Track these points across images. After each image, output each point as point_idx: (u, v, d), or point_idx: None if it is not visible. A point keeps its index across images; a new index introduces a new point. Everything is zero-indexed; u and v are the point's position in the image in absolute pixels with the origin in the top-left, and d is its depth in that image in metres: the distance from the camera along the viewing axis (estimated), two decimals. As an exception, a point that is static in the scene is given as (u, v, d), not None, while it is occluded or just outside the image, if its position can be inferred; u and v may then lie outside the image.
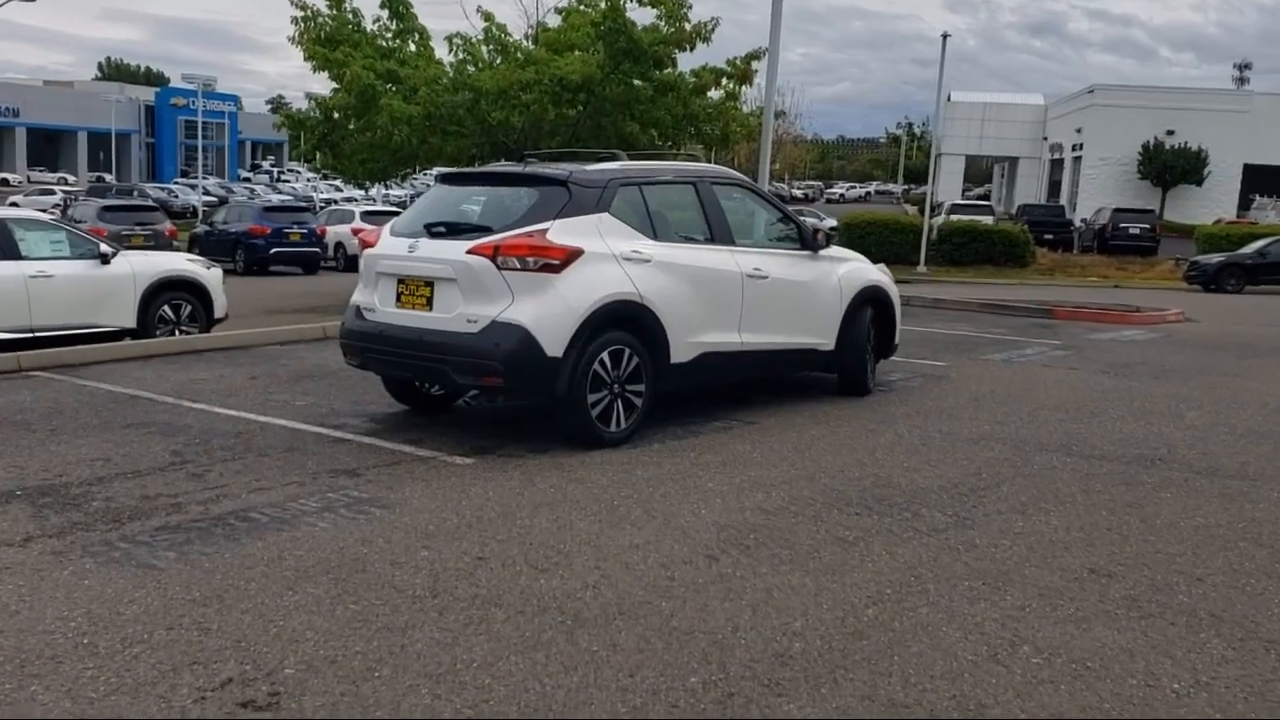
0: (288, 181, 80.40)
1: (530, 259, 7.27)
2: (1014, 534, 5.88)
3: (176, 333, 13.22)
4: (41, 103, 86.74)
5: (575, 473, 6.98)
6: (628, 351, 7.67)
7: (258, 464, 7.10)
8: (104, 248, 12.91)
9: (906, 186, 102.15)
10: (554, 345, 7.28)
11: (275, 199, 41.96)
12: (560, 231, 7.41)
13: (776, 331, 8.91)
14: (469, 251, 7.35)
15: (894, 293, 10.20)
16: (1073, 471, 7.30)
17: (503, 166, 8.85)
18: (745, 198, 9.19)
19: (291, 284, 25.79)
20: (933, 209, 38.53)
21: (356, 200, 46.71)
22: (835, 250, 9.61)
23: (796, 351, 9.19)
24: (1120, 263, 38.57)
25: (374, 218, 31.43)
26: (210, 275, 13.91)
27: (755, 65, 20.10)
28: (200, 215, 42.75)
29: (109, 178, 77.55)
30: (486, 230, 7.54)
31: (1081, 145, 63.59)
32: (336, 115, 20.53)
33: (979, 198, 73.43)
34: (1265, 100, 61.38)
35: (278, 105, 24.52)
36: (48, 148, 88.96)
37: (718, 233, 8.52)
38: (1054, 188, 69.27)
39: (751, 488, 6.65)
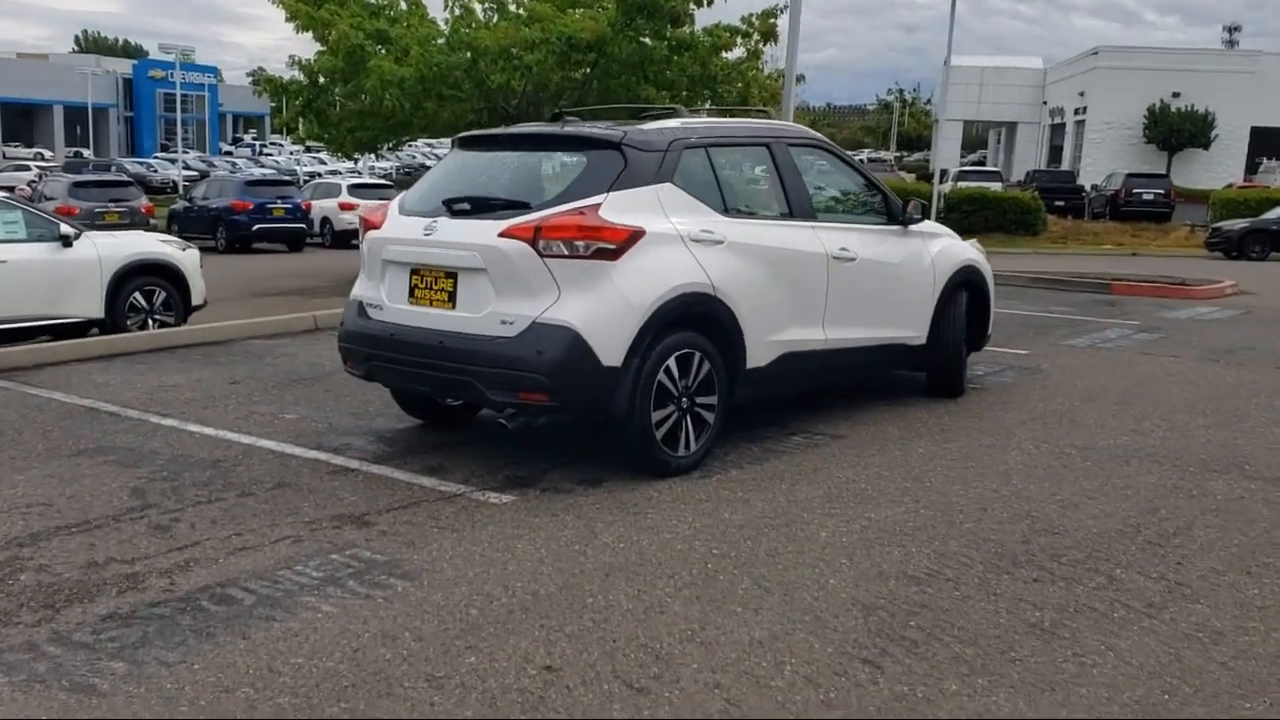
0: (270, 155, 78.34)
1: (580, 242, 5.73)
2: (1257, 609, 4.39)
3: (150, 323, 11.71)
4: (15, 76, 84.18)
5: (644, 516, 5.46)
6: (698, 356, 6.15)
7: (239, 508, 5.57)
8: (65, 228, 11.34)
9: (899, 154, 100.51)
10: (611, 351, 5.76)
11: (258, 173, 40.22)
12: (616, 207, 5.87)
13: (864, 325, 7.40)
14: (503, 234, 5.80)
15: (989, 274, 8.68)
16: (1267, 503, 5.81)
17: (538, 127, 7.25)
18: (826, 161, 7.64)
19: (276, 263, 24.12)
20: (940, 176, 37.05)
21: (342, 174, 44.90)
22: (926, 225, 8.07)
23: (886, 348, 7.67)
24: (1134, 229, 37.21)
25: (361, 192, 29.85)
26: (186, 258, 12.34)
27: (774, 23, 18.50)
28: (181, 190, 40.91)
29: (86, 153, 75.37)
30: (523, 207, 5.99)
31: (1084, 109, 62.09)
32: (322, 80, 18.92)
33: (974, 163, 71.79)
34: (1273, 60, 59.81)
35: (259, 77, 22.89)
36: (23, 122, 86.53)
37: (797, 205, 6.98)
38: (1054, 153, 67.77)
39: (880, 538, 5.14)
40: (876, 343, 7.53)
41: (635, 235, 5.86)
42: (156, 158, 69.49)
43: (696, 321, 6.16)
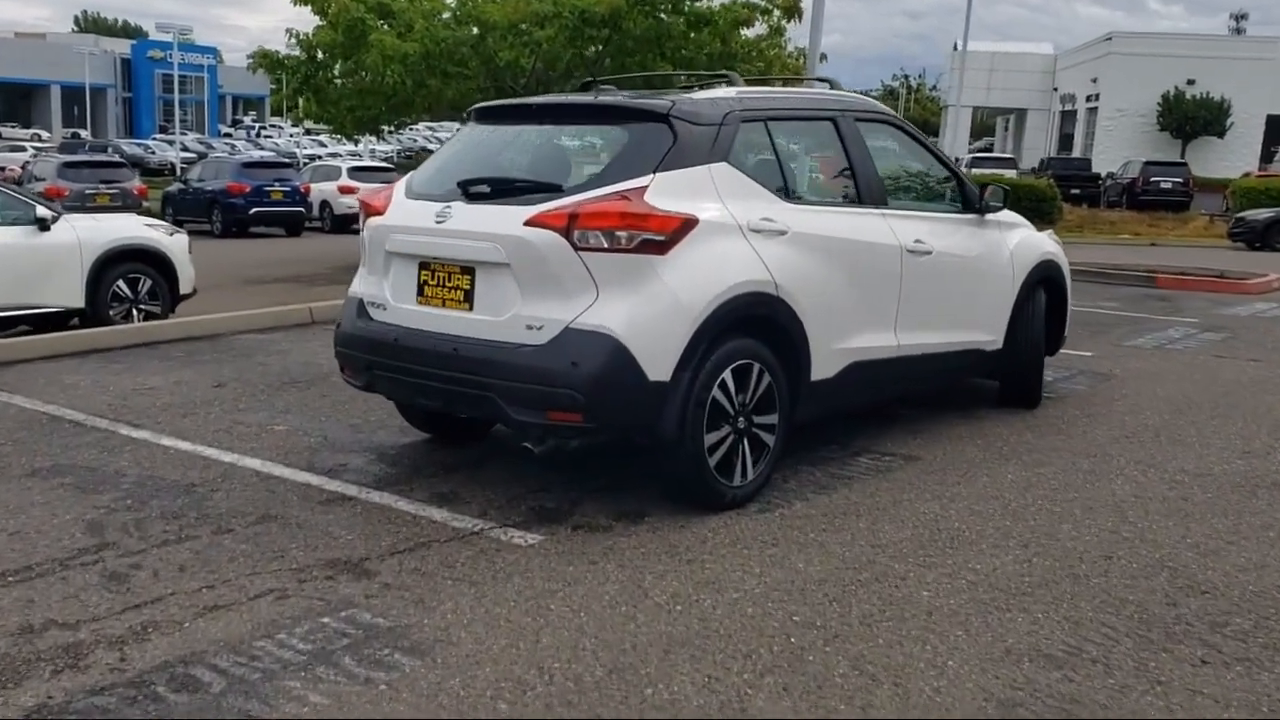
0: (270, 137, 77.23)
1: (622, 233, 4.77)
2: None
3: (134, 313, 10.80)
4: (12, 56, 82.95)
5: (701, 564, 4.53)
6: (757, 368, 5.20)
7: (214, 550, 4.63)
8: (41, 210, 10.39)
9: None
10: (658, 363, 4.81)
11: (256, 154, 39.17)
12: (663, 191, 4.92)
13: (938, 328, 6.46)
14: (530, 222, 4.85)
15: (1067, 270, 7.72)
16: None
17: (570, 97, 6.24)
18: (895, 140, 6.68)
19: (273, 247, 23.14)
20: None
21: (341, 156, 43.81)
22: (1004, 214, 7.11)
23: (959, 354, 6.72)
24: (1151, 219, 36.18)
25: (362, 175, 28.83)
26: (174, 243, 11.40)
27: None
28: (178, 172, 39.89)
29: (84, 133, 74.24)
30: (553, 190, 5.03)
31: (1097, 96, 61.09)
32: (321, 55, 17.88)
33: (981, 150, 70.67)
34: (1291, 47, 58.75)
35: (255, 51, 21.95)
36: (20, 103, 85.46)
37: (866, 190, 6.02)
38: (1064, 140, 66.76)
39: (995, 600, 4.20)
40: (951, 349, 6.59)
41: (687, 224, 4.90)
42: (154, 139, 68.44)
43: (756, 327, 5.21)
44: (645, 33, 16.94)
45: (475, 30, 16.96)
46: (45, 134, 75.27)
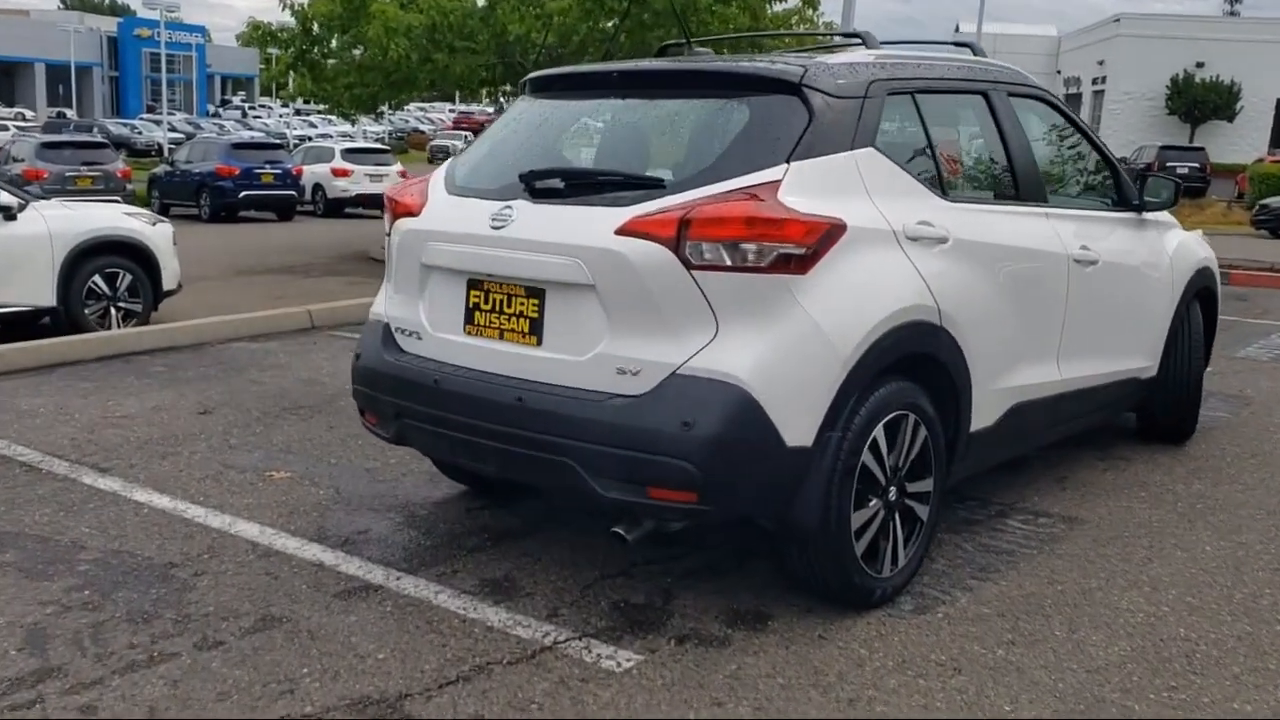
0: (259, 118, 75.58)
1: (752, 245, 3.51)
2: None
3: (112, 312, 9.57)
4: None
5: (868, 705, 3.28)
6: (911, 420, 3.96)
7: (197, 679, 3.38)
8: (5, 198, 9.12)
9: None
10: (799, 422, 3.56)
11: (245, 135, 37.63)
12: (801, 187, 3.65)
13: (1100, 354, 5.24)
14: (625, 230, 3.59)
15: (1218, 277, 6.48)
16: None
17: (666, 63, 4.85)
18: (1048, 120, 5.40)
19: (264, 234, 21.73)
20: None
21: (333, 138, 42.30)
22: (1161, 213, 5.85)
23: (1118, 385, 5.49)
24: (1168, 205, 34.90)
25: (356, 156, 27.48)
26: (156, 234, 10.12)
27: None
28: (166, 154, 38.40)
29: (69, 113, 72.52)
30: (653, 186, 3.75)
31: (1103, 79, 59.85)
32: (317, 28, 16.52)
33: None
34: (1303, 29, 57.58)
35: (249, 23, 20.64)
36: (4, 81, 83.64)
37: (1026, 183, 4.77)
38: (1070, 124, 65.47)
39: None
40: (1112, 379, 5.36)
41: (834, 231, 3.64)
42: (141, 119, 66.84)
43: (913, 366, 3.96)
44: (667, 5, 15.60)
45: (484, 1, 15.65)
46: (29, 113, 73.56)
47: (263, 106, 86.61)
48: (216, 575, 4.17)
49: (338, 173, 26.90)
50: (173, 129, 53.17)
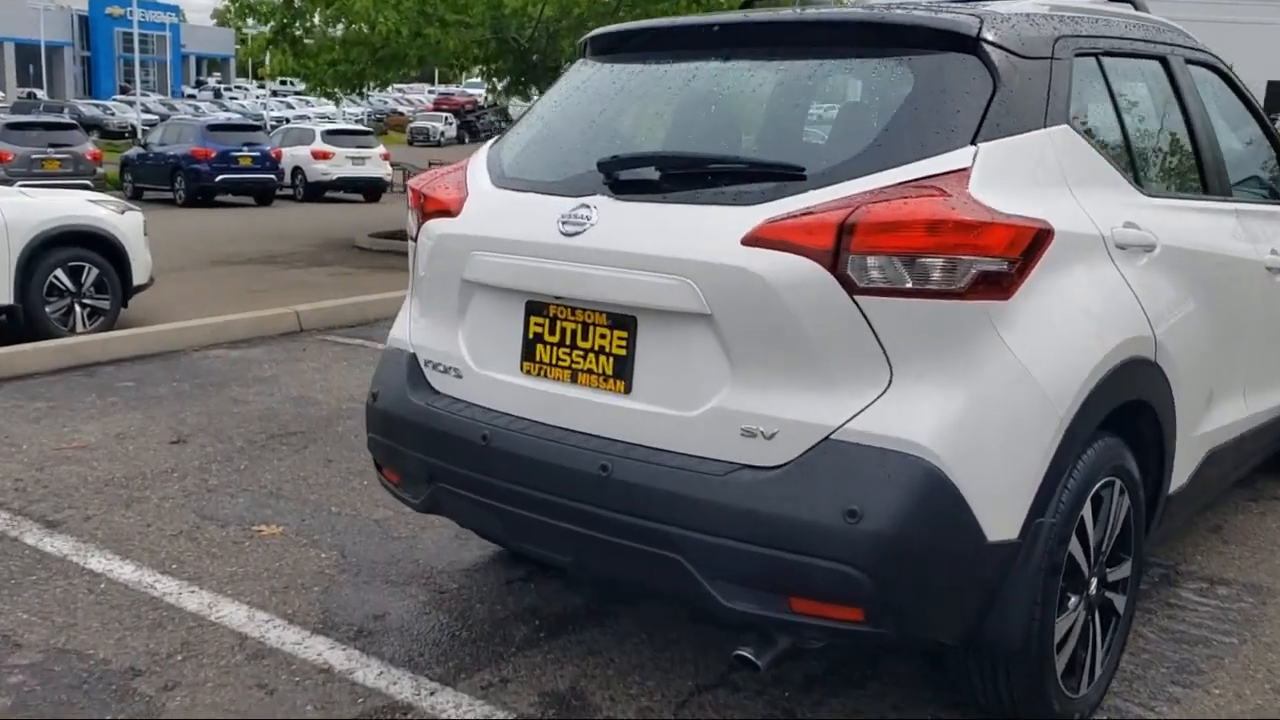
0: (235, 99, 74.07)
1: (937, 260, 2.51)
2: None
3: (76, 309, 8.64)
4: (-39, 11, 79.27)
5: None
6: (1117, 488, 2.96)
7: None
8: (-45, 187, 8.10)
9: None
10: (1004, 509, 2.58)
11: (222, 116, 36.33)
12: (995, 177, 2.64)
13: (1275, 379, 4.24)
14: (756, 238, 2.59)
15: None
16: None
17: (780, 14, 3.66)
18: (1224, 95, 4.41)
19: (242, 219, 20.57)
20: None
21: (310, 118, 40.98)
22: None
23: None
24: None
25: (337, 138, 26.34)
26: (125, 223, 9.13)
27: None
28: (139, 135, 37.09)
29: (40, 93, 70.84)
30: (790, 176, 2.71)
31: (1096, 60, 59.19)
32: (298, 2, 15.44)
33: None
34: (1297, 10, 56.90)
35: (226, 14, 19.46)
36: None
37: (1211, 173, 3.79)
38: (1059, 106, 64.83)
39: None
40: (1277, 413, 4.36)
41: (1041, 238, 2.64)
42: (114, 100, 65.31)
43: (1120, 417, 2.96)
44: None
45: (479, -29, 14.60)
46: (-1, 94, 71.92)
47: (239, 87, 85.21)
48: (192, 690, 3.16)
49: (318, 155, 25.78)
50: (146, 110, 51.75)
